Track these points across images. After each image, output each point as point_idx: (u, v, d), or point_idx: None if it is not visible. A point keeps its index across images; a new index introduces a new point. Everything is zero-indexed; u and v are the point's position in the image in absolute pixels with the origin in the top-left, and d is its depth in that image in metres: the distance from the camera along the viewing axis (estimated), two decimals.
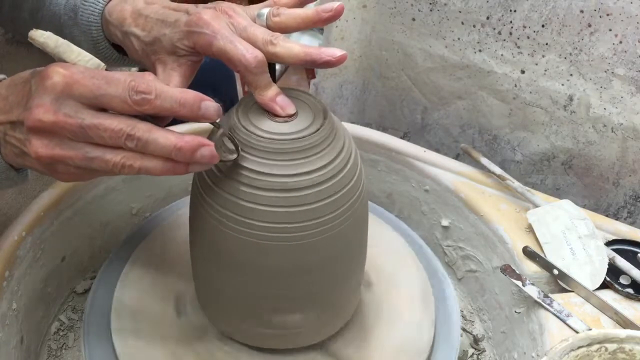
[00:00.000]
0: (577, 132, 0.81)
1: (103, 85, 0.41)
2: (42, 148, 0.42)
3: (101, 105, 0.42)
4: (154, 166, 0.43)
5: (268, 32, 0.49)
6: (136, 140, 0.42)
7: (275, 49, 0.49)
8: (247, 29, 0.49)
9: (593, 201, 0.86)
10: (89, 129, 0.41)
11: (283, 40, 0.49)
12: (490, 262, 0.72)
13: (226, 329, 0.58)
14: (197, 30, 0.49)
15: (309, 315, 0.54)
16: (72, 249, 0.71)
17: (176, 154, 0.42)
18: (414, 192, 0.80)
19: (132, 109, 0.42)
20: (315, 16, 0.50)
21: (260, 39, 0.49)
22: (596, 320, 0.59)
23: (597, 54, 0.74)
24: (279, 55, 0.49)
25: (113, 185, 0.74)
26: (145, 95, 0.41)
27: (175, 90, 0.43)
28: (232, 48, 0.47)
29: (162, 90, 0.42)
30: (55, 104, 0.41)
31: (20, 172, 0.51)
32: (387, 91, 0.96)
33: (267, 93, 0.48)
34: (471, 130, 0.91)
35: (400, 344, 0.60)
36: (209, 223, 0.50)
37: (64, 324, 0.69)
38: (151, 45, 0.53)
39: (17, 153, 0.46)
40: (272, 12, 0.51)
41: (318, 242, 0.49)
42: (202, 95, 0.43)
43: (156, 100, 0.42)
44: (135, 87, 0.41)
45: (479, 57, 0.83)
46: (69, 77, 0.41)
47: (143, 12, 0.54)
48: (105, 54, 0.63)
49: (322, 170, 0.48)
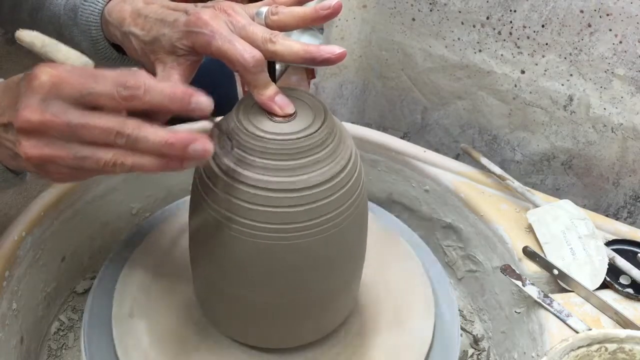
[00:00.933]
0: (577, 132, 0.81)
1: (91, 83, 0.41)
2: (31, 149, 0.42)
3: (90, 104, 0.41)
4: (146, 163, 0.42)
5: (267, 31, 0.49)
6: (126, 137, 0.41)
7: (275, 47, 0.49)
8: (246, 27, 0.49)
9: (593, 201, 0.86)
10: (77, 128, 0.41)
11: (282, 39, 0.49)
12: (490, 262, 0.72)
13: (226, 329, 0.58)
14: (195, 30, 0.49)
15: (308, 315, 0.54)
16: (72, 249, 0.71)
17: (167, 150, 0.41)
18: (414, 192, 0.80)
19: (121, 104, 0.41)
20: (314, 14, 0.50)
21: (259, 38, 0.49)
22: (596, 320, 0.59)
23: (597, 54, 0.74)
24: (278, 53, 0.49)
25: (113, 185, 0.74)
26: (133, 90, 0.41)
27: (165, 85, 0.42)
28: (231, 47, 0.47)
29: (151, 85, 0.41)
30: (42, 104, 0.41)
31: (18, 174, 0.51)
32: (387, 91, 0.96)
33: (266, 92, 0.48)
34: (471, 130, 0.91)
35: (399, 343, 0.60)
36: (208, 223, 0.50)
37: (64, 324, 0.69)
38: (150, 45, 0.53)
39: (12, 155, 0.46)
40: (271, 10, 0.51)
41: (318, 242, 0.48)
42: (193, 90, 0.42)
43: (145, 95, 0.41)
44: (124, 83, 0.41)
45: (479, 57, 0.83)
46: (56, 76, 0.41)
47: (142, 11, 0.54)
48: (104, 54, 0.63)
49: (322, 170, 0.48)
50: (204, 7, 0.51)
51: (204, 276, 0.55)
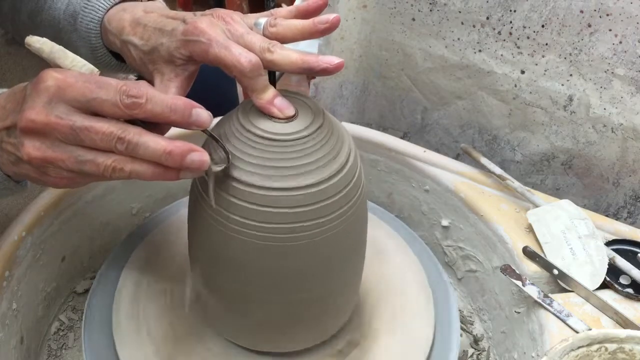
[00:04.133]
0: (577, 132, 0.81)
1: (95, 89, 0.42)
2: (34, 150, 0.43)
3: (93, 109, 0.42)
4: (144, 170, 0.43)
5: (265, 40, 0.50)
6: (127, 143, 0.42)
7: (273, 56, 0.49)
8: (244, 36, 0.50)
9: (593, 201, 0.86)
10: (81, 131, 0.42)
11: (280, 48, 0.49)
12: (490, 262, 0.72)
13: (224, 330, 0.58)
14: (193, 39, 0.49)
15: (307, 317, 0.54)
16: (72, 249, 0.71)
17: (166, 159, 0.42)
18: (414, 192, 0.80)
19: (124, 112, 0.42)
20: (312, 27, 0.51)
21: (257, 47, 0.49)
22: (596, 320, 0.59)
23: (597, 54, 0.74)
24: (276, 63, 0.49)
25: (113, 186, 0.74)
26: (136, 99, 0.42)
27: (166, 96, 0.43)
28: (227, 54, 0.47)
29: (153, 95, 0.42)
30: (47, 106, 0.42)
31: (19, 182, 0.51)
32: (387, 91, 0.96)
33: (264, 96, 0.48)
34: (471, 130, 0.91)
35: (399, 344, 0.60)
36: (207, 223, 0.50)
37: (64, 324, 0.69)
38: (149, 55, 0.53)
39: (13, 161, 0.46)
40: (270, 22, 0.51)
41: (317, 242, 0.48)
42: (193, 102, 0.44)
43: (147, 104, 0.42)
44: (127, 91, 0.42)
45: (478, 57, 0.83)
46: (62, 80, 0.42)
47: (141, 20, 0.54)
48: (103, 61, 0.63)
49: (321, 170, 0.48)
50: (202, 15, 0.51)
51: (202, 276, 0.55)
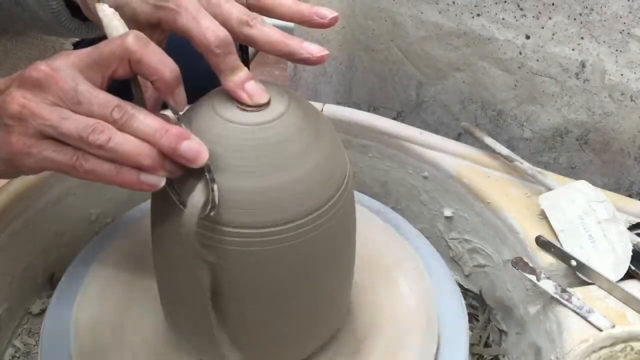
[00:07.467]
0: (591, 102, 0.82)
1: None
2: (21, 98, 0.44)
3: None
4: (129, 149, 0.43)
5: (246, 12, 0.49)
6: (124, 111, 0.43)
7: (251, 31, 0.48)
8: (221, 4, 0.49)
9: (613, 180, 0.86)
10: (81, 94, 0.43)
11: (261, 23, 0.49)
12: (500, 255, 0.72)
13: (198, 346, 0.57)
14: (162, 5, 0.49)
15: (292, 328, 0.54)
16: (24, 265, 0.70)
17: (161, 136, 0.43)
18: (412, 179, 0.80)
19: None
20: (306, 16, 0.51)
21: (234, 18, 0.48)
22: (621, 316, 0.59)
23: (610, 12, 0.74)
24: (254, 39, 0.49)
25: (68, 188, 0.73)
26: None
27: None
28: (194, 26, 0.47)
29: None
30: (56, 66, 0.44)
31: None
32: (376, 66, 0.96)
33: (233, 78, 0.48)
34: (473, 106, 0.92)
35: (397, 351, 0.60)
36: (174, 229, 0.49)
37: (19, 350, 0.69)
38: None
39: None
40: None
41: (299, 245, 0.48)
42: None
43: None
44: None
45: (477, 22, 0.83)
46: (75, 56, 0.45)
47: None
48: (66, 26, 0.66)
49: (298, 163, 0.47)
50: None
51: (169, 288, 0.55)
